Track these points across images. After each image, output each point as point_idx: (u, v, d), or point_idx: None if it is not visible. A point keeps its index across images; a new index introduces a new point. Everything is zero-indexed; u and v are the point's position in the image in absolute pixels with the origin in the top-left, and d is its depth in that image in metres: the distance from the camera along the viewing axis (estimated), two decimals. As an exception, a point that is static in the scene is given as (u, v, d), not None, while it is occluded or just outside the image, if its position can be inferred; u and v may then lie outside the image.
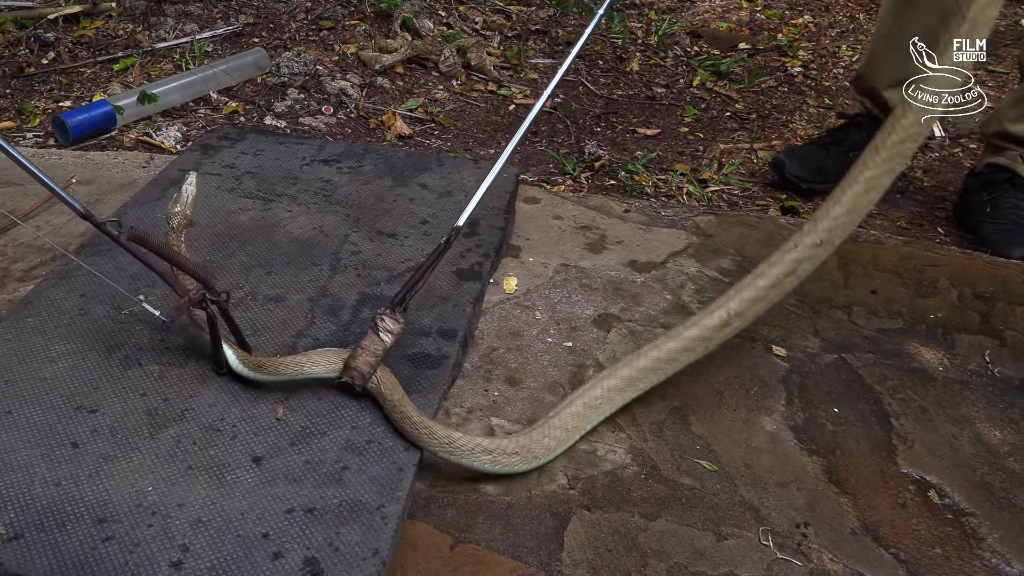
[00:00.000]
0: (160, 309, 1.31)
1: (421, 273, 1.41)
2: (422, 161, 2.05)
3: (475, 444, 1.27)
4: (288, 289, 1.59)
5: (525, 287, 1.74)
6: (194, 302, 1.31)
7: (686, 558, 1.20)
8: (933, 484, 1.35)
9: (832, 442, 1.42)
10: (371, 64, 3.01)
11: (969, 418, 1.47)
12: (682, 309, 1.69)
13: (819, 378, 1.54)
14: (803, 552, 1.22)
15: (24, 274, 1.71)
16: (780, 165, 2.43)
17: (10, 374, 1.35)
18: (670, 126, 2.86)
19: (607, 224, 1.97)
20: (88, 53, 3.00)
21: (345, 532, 1.12)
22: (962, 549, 1.25)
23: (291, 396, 1.35)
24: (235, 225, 1.77)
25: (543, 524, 1.24)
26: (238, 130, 2.19)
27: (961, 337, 1.66)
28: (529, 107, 2.90)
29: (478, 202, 1.50)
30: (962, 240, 2.23)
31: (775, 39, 3.59)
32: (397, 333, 1.37)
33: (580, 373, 1.52)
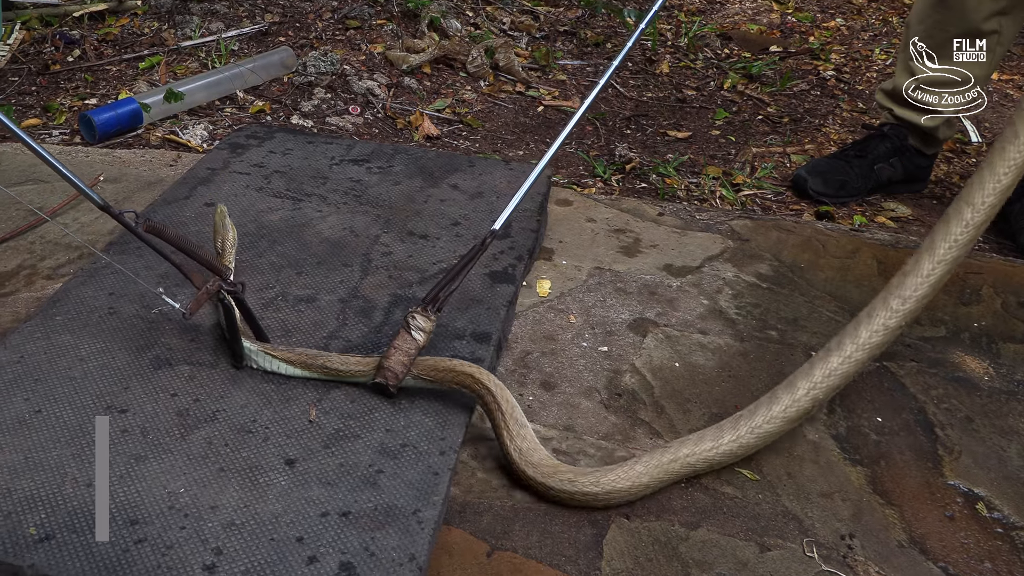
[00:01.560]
0: (184, 305, 1.30)
1: (455, 273, 1.39)
2: (453, 162, 2.03)
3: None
4: (319, 290, 1.57)
5: (559, 290, 1.71)
6: (211, 294, 1.31)
7: (729, 569, 1.17)
8: (981, 496, 1.31)
9: (876, 452, 1.38)
10: (398, 64, 2.99)
11: (1017, 429, 1.43)
12: (720, 315, 1.66)
13: (861, 387, 1.50)
14: (849, 564, 1.19)
15: (52, 272, 1.69)
16: (802, 182, 2.39)
17: (39, 373, 1.33)
18: (701, 129, 2.82)
19: (641, 227, 1.94)
20: (113, 51, 3.00)
21: (381, 537, 1.09)
22: (1013, 564, 1.21)
23: (324, 398, 1.32)
24: (264, 225, 1.75)
25: (581, 532, 1.21)
26: (266, 128, 2.17)
27: (1006, 346, 1.62)
28: (558, 108, 2.88)
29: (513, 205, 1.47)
30: (1001, 247, 2.18)
31: (807, 42, 3.55)
32: (429, 331, 1.34)
33: (616, 379, 1.49)
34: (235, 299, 1.33)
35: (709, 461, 1.28)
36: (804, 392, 1.31)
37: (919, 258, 1.35)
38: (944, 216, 1.36)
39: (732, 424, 1.31)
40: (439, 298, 1.37)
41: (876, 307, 1.35)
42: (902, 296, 1.33)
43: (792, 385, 1.32)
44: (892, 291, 1.34)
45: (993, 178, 1.33)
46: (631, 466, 1.25)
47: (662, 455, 1.26)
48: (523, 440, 1.27)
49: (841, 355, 1.32)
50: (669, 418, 1.42)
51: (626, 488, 1.23)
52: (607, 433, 1.39)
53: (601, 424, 1.40)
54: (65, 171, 1.28)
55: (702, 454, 1.28)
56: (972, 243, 1.35)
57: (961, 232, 1.33)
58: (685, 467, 1.27)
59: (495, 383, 1.30)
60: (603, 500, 1.23)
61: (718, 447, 1.28)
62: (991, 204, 1.33)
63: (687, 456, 1.27)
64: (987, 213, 1.33)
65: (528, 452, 1.26)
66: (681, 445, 1.28)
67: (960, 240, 1.33)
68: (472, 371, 1.31)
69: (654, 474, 1.25)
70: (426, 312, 1.35)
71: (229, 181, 1.89)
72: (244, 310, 1.36)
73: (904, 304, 1.33)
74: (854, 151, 2.43)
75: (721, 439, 1.29)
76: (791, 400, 1.30)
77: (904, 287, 1.34)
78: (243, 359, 1.36)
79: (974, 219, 1.33)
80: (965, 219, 1.33)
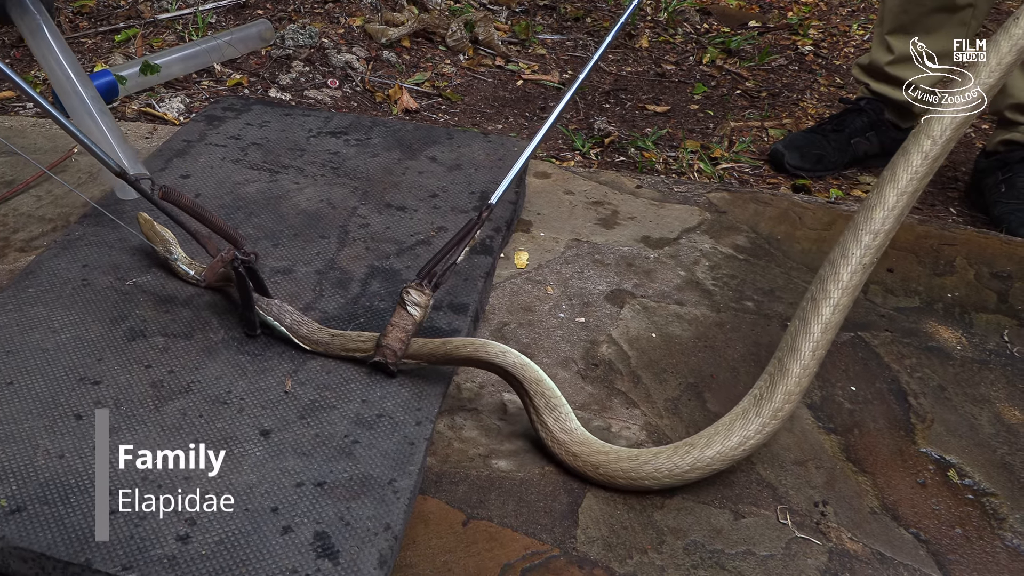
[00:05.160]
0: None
1: (450, 247, 1.38)
2: (431, 134, 2.01)
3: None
4: (296, 261, 1.56)
5: (537, 262, 1.71)
6: (226, 261, 1.32)
7: (703, 536, 1.18)
8: (953, 464, 1.32)
9: (850, 420, 1.39)
10: (377, 37, 2.97)
11: (988, 398, 1.45)
12: (696, 286, 1.66)
13: (836, 356, 1.51)
14: (822, 531, 1.20)
15: (25, 244, 1.68)
16: (779, 156, 2.40)
17: (11, 344, 1.32)
18: (680, 103, 2.82)
19: (619, 199, 1.94)
20: (89, 23, 2.96)
21: (356, 506, 1.10)
22: (983, 529, 1.22)
23: (299, 369, 1.32)
24: (241, 196, 1.73)
25: (557, 501, 1.22)
26: (243, 101, 2.15)
27: (979, 316, 1.63)
28: (537, 82, 2.87)
29: (492, 177, 1.47)
30: (975, 220, 2.20)
31: (785, 17, 3.55)
32: (426, 306, 1.33)
33: (593, 349, 1.50)
34: (247, 269, 1.33)
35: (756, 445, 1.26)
36: (810, 353, 1.29)
37: (882, 191, 1.34)
38: (903, 151, 1.36)
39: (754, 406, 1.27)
40: (435, 273, 1.36)
41: (848, 246, 1.32)
42: (872, 231, 1.32)
43: (795, 349, 1.30)
44: (861, 227, 1.33)
45: (951, 115, 1.35)
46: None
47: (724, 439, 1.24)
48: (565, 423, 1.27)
49: (830, 304, 1.30)
50: (646, 388, 1.42)
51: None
52: (584, 403, 1.39)
53: (578, 394, 1.41)
54: (80, 135, 1.29)
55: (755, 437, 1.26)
56: (928, 176, 1.35)
57: (920, 164, 1.34)
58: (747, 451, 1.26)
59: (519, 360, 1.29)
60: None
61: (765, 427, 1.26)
62: (948, 138, 1.33)
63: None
64: (943, 147, 1.34)
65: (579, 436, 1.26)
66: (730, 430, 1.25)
67: (919, 172, 1.34)
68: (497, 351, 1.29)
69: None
70: (421, 287, 1.34)
71: (205, 153, 1.87)
72: (256, 279, 1.36)
73: (875, 239, 1.32)
74: (831, 125, 2.44)
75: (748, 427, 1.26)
76: (800, 367, 1.28)
77: (872, 221, 1.33)
78: (256, 327, 1.36)
79: (932, 151, 1.34)
80: (924, 151, 1.34)
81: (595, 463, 1.23)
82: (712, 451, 1.22)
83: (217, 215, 1.33)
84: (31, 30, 1.62)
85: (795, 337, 1.29)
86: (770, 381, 1.27)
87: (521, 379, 1.27)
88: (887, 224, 1.32)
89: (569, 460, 1.24)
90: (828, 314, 1.29)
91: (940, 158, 1.35)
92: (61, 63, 1.62)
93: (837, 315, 1.30)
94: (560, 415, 1.26)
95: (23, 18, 1.62)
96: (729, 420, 1.25)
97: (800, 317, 1.31)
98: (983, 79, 1.35)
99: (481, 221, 1.42)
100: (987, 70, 1.35)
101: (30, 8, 1.62)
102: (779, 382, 1.26)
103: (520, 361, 1.28)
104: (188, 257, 1.49)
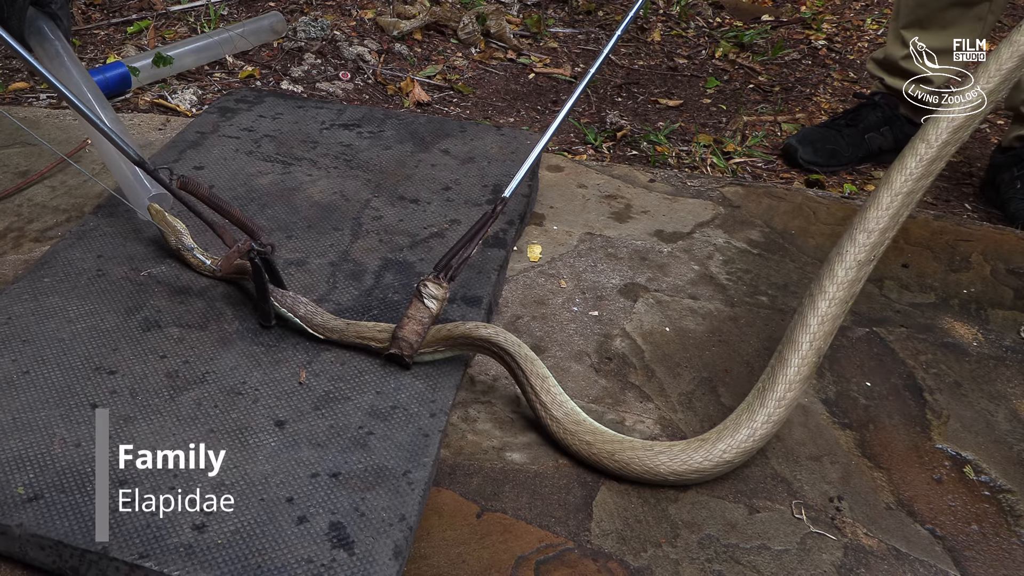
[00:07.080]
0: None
1: (466, 240, 1.38)
2: (444, 127, 2.01)
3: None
4: (309, 253, 1.56)
5: (550, 255, 1.70)
6: (242, 252, 1.32)
7: (718, 530, 1.18)
8: (969, 460, 1.32)
9: (865, 416, 1.38)
10: (389, 30, 2.96)
11: (1004, 394, 1.44)
12: (710, 280, 1.66)
13: (851, 351, 1.51)
14: (837, 526, 1.20)
15: (40, 234, 1.68)
16: (792, 150, 2.39)
17: (27, 334, 1.32)
18: (692, 97, 2.81)
19: (632, 193, 1.94)
20: (101, 15, 2.96)
21: (371, 497, 1.10)
22: (999, 526, 1.22)
23: (314, 360, 1.32)
24: (254, 188, 1.73)
25: (571, 494, 1.22)
26: (256, 93, 2.15)
27: (995, 312, 1.63)
28: (549, 75, 2.86)
29: (505, 170, 1.47)
30: (990, 216, 2.19)
31: (799, 11, 3.53)
32: (442, 299, 1.33)
33: (606, 343, 1.49)
34: (263, 260, 1.34)
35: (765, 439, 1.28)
36: (808, 346, 1.30)
37: (877, 193, 1.39)
38: (900, 154, 1.41)
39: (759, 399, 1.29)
40: (451, 266, 1.36)
41: (844, 244, 1.37)
42: (866, 230, 1.35)
43: (792, 341, 1.31)
44: (856, 227, 1.37)
45: (947, 118, 1.39)
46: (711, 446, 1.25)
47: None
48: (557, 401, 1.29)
49: (826, 298, 1.33)
50: (659, 382, 1.42)
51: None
52: (597, 396, 1.39)
53: (591, 387, 1.40)
54: (98, 121, 1.32)
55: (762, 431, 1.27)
56: (926, 177, 1.38)
57: (916, 166, 1.37)
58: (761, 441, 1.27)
59: (513, 342, 1.30)
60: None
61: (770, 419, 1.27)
62: (944, 141, 1.37)
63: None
64: (939, 150, 1.38)
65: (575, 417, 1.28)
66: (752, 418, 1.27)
67: (914, 174, 1.37)
68: (490, 333, 1.31)
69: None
70: (438, 280, 1.34)
71: (218, 145, 1.87)
72: (272, 271, 1.37)
73: (869, 237, 1.35)
74: (845, 120, 2.43)
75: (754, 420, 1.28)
76: (799, 358, 1.30)
77: (867, 220, 1.36)
78: (271, 318, 1.36)
79: (927, 154, 1.37)
80: (919, 154, 1.38)
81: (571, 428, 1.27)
82: (723, 444, 1.23)
83: (235, 207, 1.33)
84: (50, 56, 1.61)
85: (793, 330, 1.32)
86: (771, 373, 1.30)
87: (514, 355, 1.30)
88: (881, 223, 1.36)
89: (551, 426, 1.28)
90: (824, 307, 1.32)
91: (937, 160, 1.39)
92: (82, 90, 1.61)
93: (834, 308, 1.32)
94: (548, 385, 1.29)
95: (42, 45, 1.62)
96: (736, 415, 1.28)
97: (799, 312, 1.34)
98: (983, 83, 1.37)
99: (496, 215, 1.41)
100: (986, 75, 1.39)
101: (48, 35, 1.62)
102: (779, 372, 1.28)
103: (510, 338, 1.31)
104: (202, 248, 1.50)
